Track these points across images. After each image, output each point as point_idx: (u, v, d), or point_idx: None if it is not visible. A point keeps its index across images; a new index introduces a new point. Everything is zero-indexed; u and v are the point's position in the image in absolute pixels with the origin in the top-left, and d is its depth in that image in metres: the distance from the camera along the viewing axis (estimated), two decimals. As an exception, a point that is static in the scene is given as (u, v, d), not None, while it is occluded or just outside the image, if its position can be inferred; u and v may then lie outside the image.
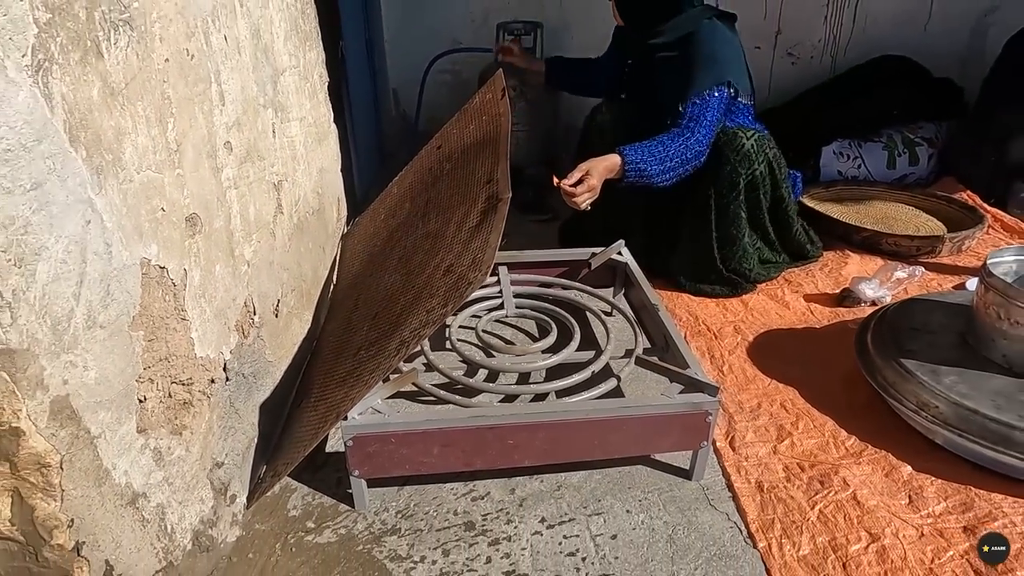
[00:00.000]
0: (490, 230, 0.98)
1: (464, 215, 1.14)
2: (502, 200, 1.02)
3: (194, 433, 0.98)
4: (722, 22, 1.73)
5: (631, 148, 1.55)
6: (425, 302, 1.00)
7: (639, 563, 1.00)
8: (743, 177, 1.64)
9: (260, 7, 1.24)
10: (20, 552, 0.78)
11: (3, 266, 0.67)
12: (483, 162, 1.23)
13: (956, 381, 1.17)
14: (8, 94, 0.64)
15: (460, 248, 1.05)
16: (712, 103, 1.59)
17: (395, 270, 1.26)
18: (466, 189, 1.22)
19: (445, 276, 1.03)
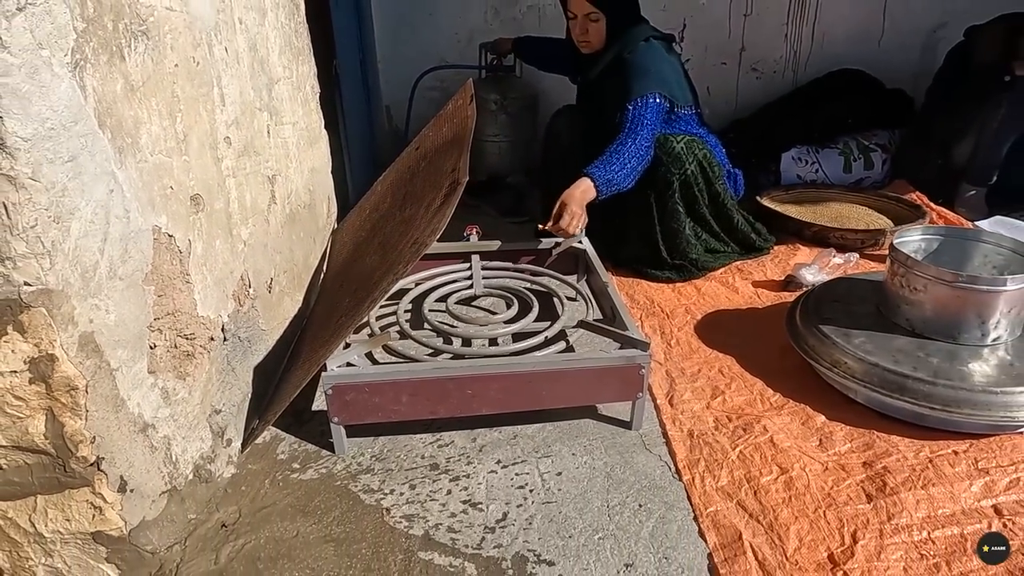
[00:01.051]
0: (448, 205, 1.15)
1: (431, 200, 1.32)
2: (460, 183, 1.20)
3: (196, 380, 1.15)
4: (659, 43, 1.91)
5: (595, 167, 1.72)
6: (392, 268, 1.17)
7: (579, 493, 1.16)
8: (676, 176, 1.82)
9: (257, 25, 1.43)
10: (51, 464, 0.95)
11: (45, 221, 0.84)
12: (450, 157, 1.41)
13: (864, 342, 1.33)
14: (53, 84, 0.82)
15: (425, 225, 1.22)
16: (649, 107, 1.78)
17: (375, 252, 1.43)
18: (436, 180, 1.40)
19: (411, 247, 1.20)
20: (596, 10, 1.86)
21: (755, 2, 2.81)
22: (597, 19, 1.88)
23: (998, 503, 1.09)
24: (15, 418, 0.91)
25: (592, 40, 1.92)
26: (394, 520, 1.11)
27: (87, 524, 0.98)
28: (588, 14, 1.88)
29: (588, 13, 1.88)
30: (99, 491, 0.97)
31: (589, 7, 1.87)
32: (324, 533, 1.08)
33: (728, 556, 1.02)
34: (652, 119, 1.78)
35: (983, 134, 2.30)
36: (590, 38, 1.92)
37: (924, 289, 1.31)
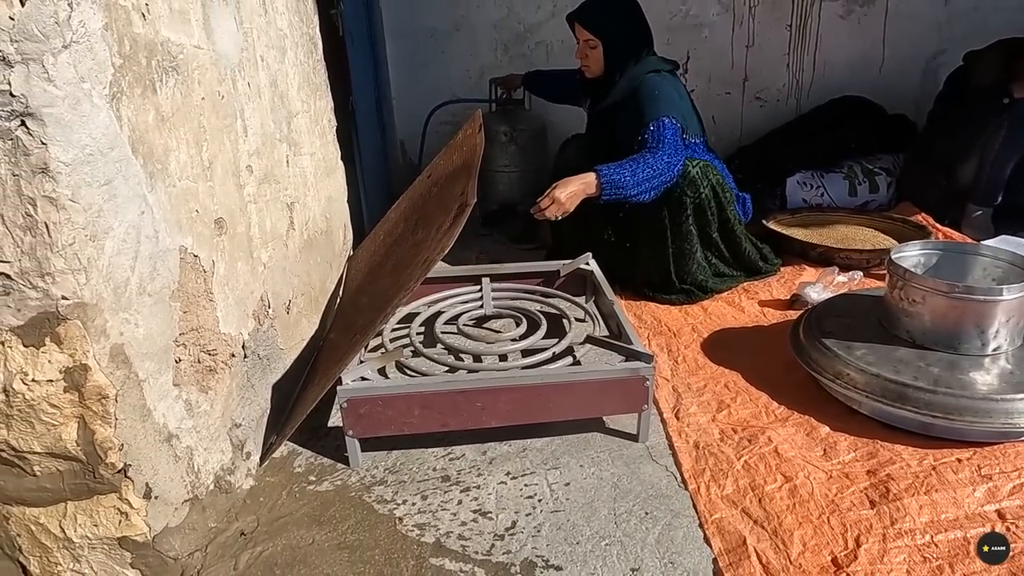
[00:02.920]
0: (456, 226, 1.21)
1: (442, 223, 1.38)
2: (468, 205, 1.26)
3: (217, 394, 1.20)
4: (668, 74, 1.99)
5: (604, 166, 1.78)
6: (404, 284, 1.22)
7: (586, 502, 1.19)
8: (691, 199, 1.87)
9: (277, 62, 1.53)
10: (81, 470, 1.00)
11: (82, 240, 0.91)
12: (459, 182, 1.48)
13: (866, 353, 1.36)
14: (93, 114, 0.90)
15: (435, 245, 1.28)
16: (667, 127, 1.83)
17: (388, 274, 1.49)
18: (445, 204, 1.47)
19: (423, 267, 1.26)
20: (593, 38, 1.96)
21: (757, 33, 2.90)
22: (595, 46, 1.97)
23: (1001, 508, 1.10)
24: (50, 425, 0.96)
25: (591, 65, 2.01)
26: (406, 528, 1.14)
27: (114, 529, 1.03)
28: (587, 40, 1.98)
29: (587, 40, 1.98)
30: (126, 497, 1.02)
31: (587, 34, 1.96)
32: (339, 541, 1.12)
33: (733, 560, 1.04)
34: (672, 138, 1.83)
35: (986, 155, 2.34)
36: (589, 63, 2.01)
37: (922, 301, 1.34)
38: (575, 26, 2.01)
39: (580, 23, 1.99)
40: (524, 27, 2.93)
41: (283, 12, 1.57)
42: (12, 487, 1.01)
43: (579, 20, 1.99)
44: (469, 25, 2.93)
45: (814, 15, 2.87)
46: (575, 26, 2.01)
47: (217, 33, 1.24)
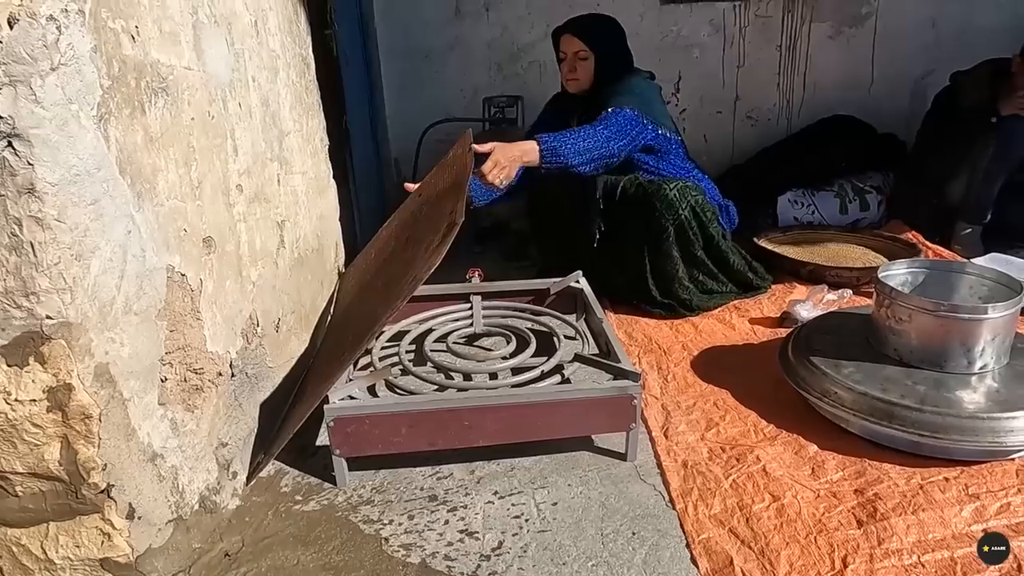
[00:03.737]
0: (444, 244, 1.22)
1: (431, 241, 1.39)
2: (456, 224, 1.27)
3: (203, 413, 1.20)
4: (643, 78, 2.05)
5: (545, 135, 1.79)
6: (392, 301, 1.23)
7: (573, 522, 1.18)
8: (671, 222, 1.88)
9: (269, 82, 1.54)
10: (64, 490, 1.00)
11: (67, 259, 0.92)
12: (449, 201, 1.49)
13: (853, 371, 1.36)
14: (80, 135, 0.91)
15: (422, 263, 1.29)
16: (622, 114, 1.86)
17: (379, 292, 1.49)
18: (435, 223, 1.47)
19: (411, 285, 1.26)
20: (585, 48, 1.99)
21: (747, 54, 2.94)
22: (586, 57, 2.00)
23: (988, 527, 1.10)
24: (32, 445, 0.96)
25: (580, 77, 2.03)
26: (392, 549, 1.13)
27: (96, 550, 1.02)
28: (577, 52, 2.01)
29: (578, 51, 2.01)
30: (108, 517, 1.01)
31: (579, 45, 2.00)
32: (324, 562, 1.11)
33: (719, 581, 1.03)
34: (621, 123, 1.85)
35: (974, 173, 2.36)
36: (579, 75, 2.03)
37: (909, 319, 1.35)
38: (563, 40, 2.04)
39: (573, 34, 2.02)
40: (517, 47, 2.97)
41: (275, 33, 1.59)
42: (-6, 508, 1.01)
43: (572, 31, 2.02)
44: (463, 45, 2.96)
45: (804, 36, 2.91)
46: (563, 40, 2.04)
47: (208, 54, 1.25)
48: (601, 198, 2.02)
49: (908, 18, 2.88)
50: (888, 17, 2.87)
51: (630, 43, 2.10)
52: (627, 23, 2.50)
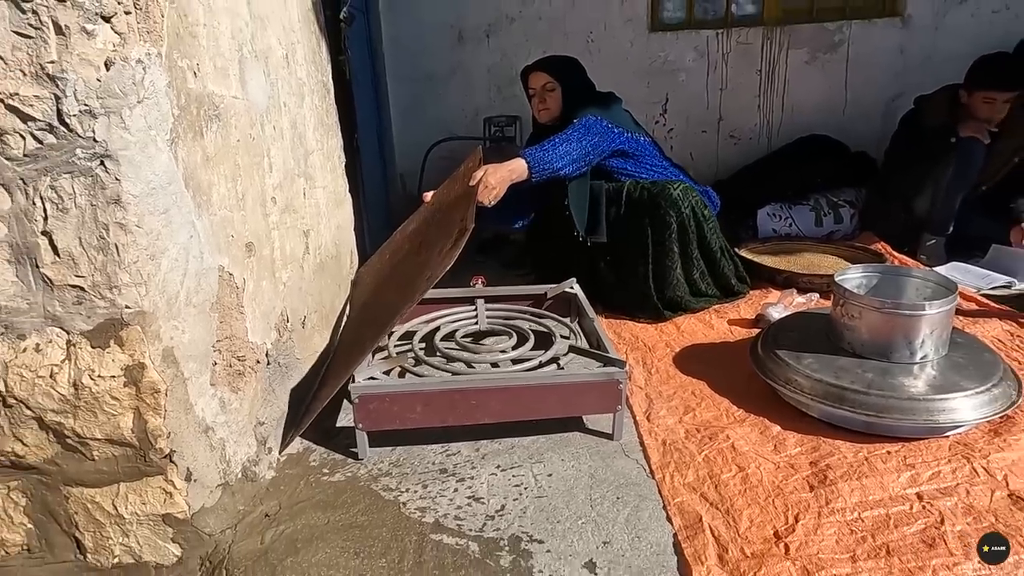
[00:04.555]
0: (456, 247, 1.41)
1: (443, 245, 1.58)
2: (467, 229, 1.46)
3: (245, 395, 1.38)
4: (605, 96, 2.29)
5: (528, 150, 2.01)
6: (410, 296, 1.42)
7: (566, 489, 1.36)
8: (674, 219, 2.09)
9: (296, 107, 1.74)
10: (134, 455, 1.17)
11: (143, 259, 1.10)
12: (460, 209, 1.68)
13: (812, 362, 1.55)
14: (157, 155, 1.10)
15: (437, 262, 1.48)
16: (588, 119, 2.10)
17: (394, 290, 1.68)
18: (447, 228, 1.66)
19: (426, 283, 1.45)
20: (551, 79, 2.25)
21: (730, 78, 3.16)
22: (553, 88, 2.26)
23: (920, 491, 1.28)
24: (110, 415, 1.14)
25: (551, 107, 2.28)
26: (409, 511, 1.31)
27: (159, 507, 1.20)
28: (545, 84, 2.27)
29: (545, 84, 2.26)
30: (170, 479, 1.19)
31: (546, 78, 2.26)
32: (351, 522, 1.29)
33: (690, 534, 1.21)
34: (589, 124, 2.09)
35: (937, 189, 2.56)
36: (548, 105, 2.29)
37: (860, 316, 1.54)
38: (531, 77, 2.31)
39: (540, 70, 2.29)
40: (515, 71, 3.15)
41: (302, 63, 1.79)
42: (73, 470, 1.18)
43: (539, 68, 2.30)
44: (464, 70, 3.17)
45: (782, 61, 3.13)
46: (531, 77, 2.31)
47: (250, 85, 1.44)
48: (603, 204, 2.21)
49: (878, 46, 3.11)
50: (859, 45, 3.10)
51: (621, 69, 2.32)
52: (618, 50, 2.73)
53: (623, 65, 2.39)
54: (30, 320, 1.12)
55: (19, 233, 1.08)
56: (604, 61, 2.96)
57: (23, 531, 1.22)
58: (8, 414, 1.15)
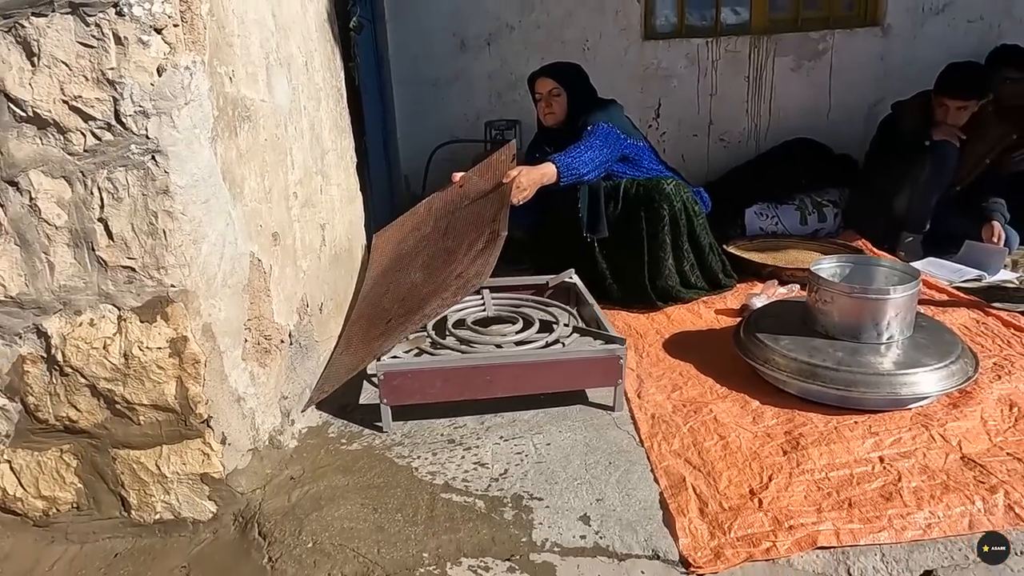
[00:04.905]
0: (491, 253, 1.55)
1: (473, 240, 1.71)
2: (500, 235, 1.59)
3: (271, 371, 1.52)
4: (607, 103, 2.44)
5: (559, 155, 2.16)
6: (441, 294, 1.55)
7: (563, 456, 1.50)
8: (667, 211, 2.23)
9: (314, 110, 1.88)
10: (175, 419, 1.31)
11: (187, 243, 1.24)
12: (491, 206, 1.81)
13: (788, 343, 1.69)
14: (200, 151, 1.24)
15: (468, 263, 1.61)
16: (601, 128, 2.26)
17: (419, 269, 1.81)
18: (477, 222, 1.79)
19: (456, 279, 1.58)
20: (557, 85, 2.40)
21: (719, 84, 3.31)
22: (559, 94, 2.40)
23: (882, 454, 1.42)
24: (155, 383, 1.28)
25: (556, 111, 2.43)
26: (421, 475, 1.45)
27: (198, 467, 1.33)
28: (551, 90, 2.41)
29: (551, 89, 2.40)
30: (208, 442, 1.33)
31: (552, 83, 2.40)
32: (368, 483, 1.42)
33: (674, 492, 1.35)
34: (605, 134, 2.25)
35: (914, 189, 2.71)
36: (554, 110, 2.43)
37: (832, 300, 1.68)
38: (537, 82, 2.45)
39: (546, 76, 2.43)
40: (515, 77, 3.33)
41: (319, 70, 1.94)
42: (121, 433, 1.32)
43: (545, 74, 2.44)
44: (466, 76, 3.32)
45: (769, 68, 3.29)
46: (537, 82, 2.45)
47: (275, 89, 1.59)
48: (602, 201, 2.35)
49: (860, 54, 3.27)
50: (842, 52, 3.26)
51: (616, 75, 2.47)
52: (613, 57, 2.88)
53: (618, 71, 2.53)
54: (85, 297, 1.26)
55: (78, 220, 1.22)
56: (600, 68, 3.09)
57: (73, 490, 1.36)
58: (64, 382, 1.29)
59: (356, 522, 1.31)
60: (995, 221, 2.58)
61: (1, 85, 1.15)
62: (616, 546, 1.23)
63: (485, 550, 1.23)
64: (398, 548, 1.24)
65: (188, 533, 1.35)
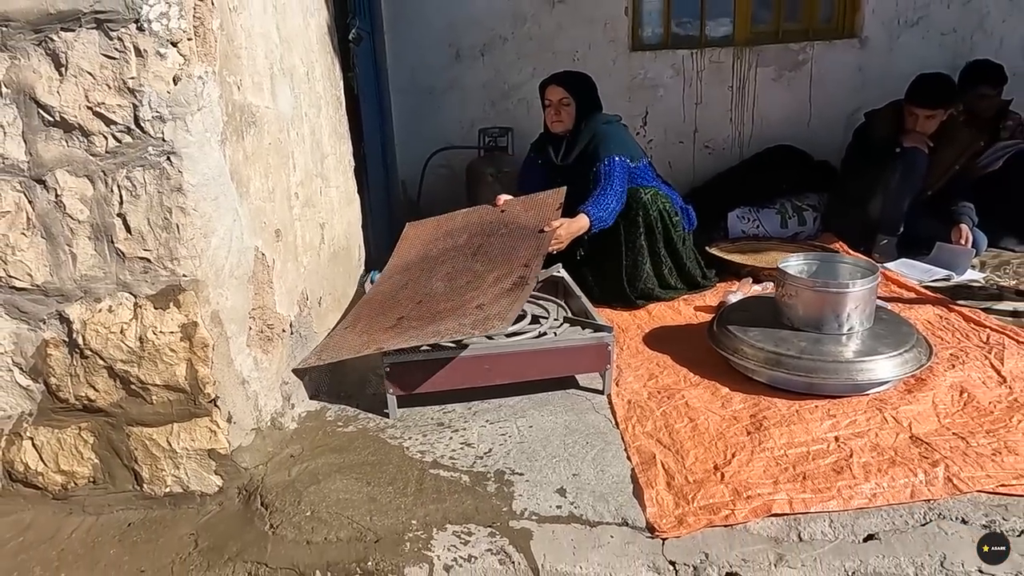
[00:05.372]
0: (516, 297, 1.65)
1: (501, 275, 1.81)
2: (529, 283, 1.70)
3: (273, 358, 1.64)
4: (614, 121, 2.54)
5: (590, 207, 2.26)
6: (459, 318, 1.65)
7: (544, 437, 1.61)
8: (642, 219, 2.35)
9: (315, 116, 2.01)
10: (185, 399, 1.42)
11: (198, 236, 1.36)
12: (527, 247, 1.92)
13: (757, 334, 1.81)
14: (210, 153, 1.36)
15: (491, 298, 1.71)
16: (616, 163, 2.35)
17: (442, 279, 1.92)
18: (509, 256, 1.89)
19: (476, 310, 1.69)
20: (567, 95, 2.48)
21: (704, 93, 3.45)
22: (569, 103, 2.49)
23: (838, 434, 1.54)
24: (168, 364, 1.39)
25: (564, 120, 2.51)
26: (411, 453, 1.56)
27: (205, 443, 1.45)
28: (561, 99, 2.49)
29: (561, 98, 2.49)
30: (215, 420, 1.44)
31: (563, 93, 2.48)
32: (362, 460, 1.54)
33: (645, 468, 1.46)
34: (620, 173, 2.35)
35: (886, 194, 2.84)
36: (562, 118, 2.51)
37: (796, 294, 1.80)
38: (548, 90, 2.52)
39: (557, 84, 2.50)
40: (508, 86, 3.46)
41: (319, 79, 2.06)
42: (136, 412, 1.43)
43: (556, 82, 2.51)
44: (461, 85, 3.45)
45: (751, 78, 3.42)
46: (548, 90, 2.52)
47: (279, 97, 1.71)
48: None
49: (838, 65, 3.40)
50: (821, 64, 3.40)
51: (604, 84, 2.59)
52: (602, 67, 3.01)
53: (606, 81, 2.65)
54: (105, 286, 1.38)
55: (99, 215, 1.34)
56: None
57: (90, 465, 1.47)
58: (84, 364, 1.40)
59: (351, 494, 1.42)
60: (963, 224, 2.71)
61: (32, 93, 1.27)
62: (589, 515, 1.34)
63: (469, 518, 1.35)
64: (389, 516, 1.35)
65: (196, 505, 1.46)
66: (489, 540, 1.29)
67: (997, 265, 2.72)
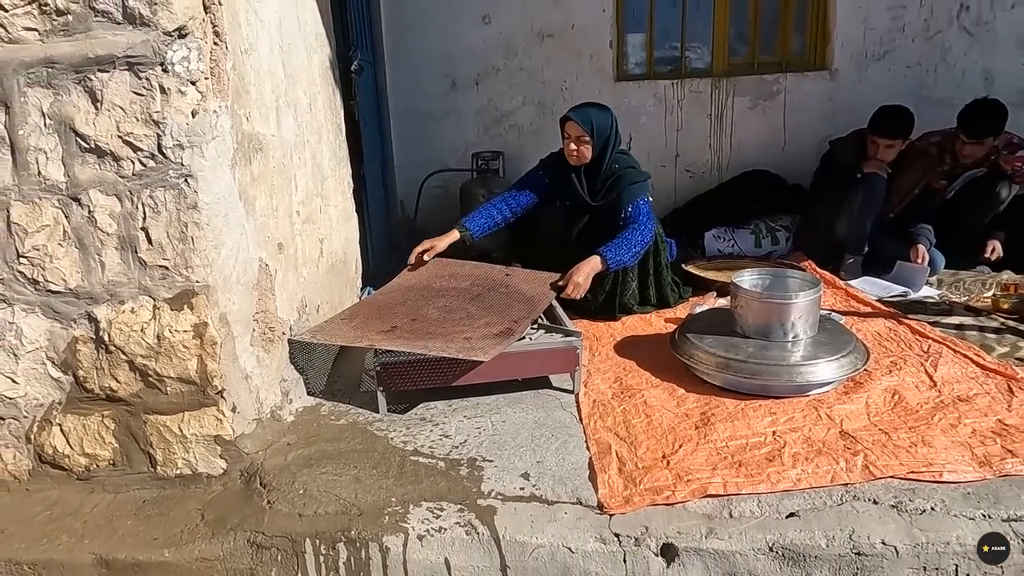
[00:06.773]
0: (499, 342, 1.83)
1: (491, 322, 1.98)
2: (514, 335, 1.89)
3: (274, 357, 1.83)
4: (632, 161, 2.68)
5: (607, 249, 2.41)
6: (447, 341, 1.83)
7: (514, 430, 1.80)
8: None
9: (316, 143, 2.22)
10: (195, 391, 1.62)
11: (209, 248, 1.57)
12: (520, 309, 2.10)
13: (712, 341, 2.00)
14: (222, 175, 1.57)
15: (479, 336, 1.87)
16: (643, 207, 2.52)
17: (438, 309, 2.10)
18: (503, 311, 2.07)
19: (464, 340, 1.88)
20: (586, 133, 2.54)
21: (685, 121, 3.67)
22: (587, 141, 2.56)
23: (776, 429, 1.71)
24: (181, 359, 1.59)
25: (582, 156, 2.59)
26: (395, 443, 1.75)
27: (213, 430, 1.64)
28: (580, 136, 2.55)
29: (580, 135, 2.55)
30: (221, 409, 1.63)
31: (581, 130, 2.54)
32: (350, 449, 1.72)
33: (600, 456, 1.64)
34: (646, 216, 2.50)
35: (850, 216, 3.03)
36: (581, 155, 2.59)
37: (747, 305, 1.99)
38: (568, 125, 2.58)
39: (577, 122, 2.54)
40: (500, 113, 3.69)
41: (321, 109, 2.29)
42: (152, 401, 1.63)
43: (576, 119, 2.55)
44: (456, 111, 3.69)
45: (729, 107, 3.64)
46: (568, 125, 2.58)
47: (283, 126, 1.93)
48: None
49: (810, 94, 3.62)
50: (795, 93, 3.61)
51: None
52: (588, 96, 3.23)
53: (591, 109, 2.92)
54: (128, 290, 1.58)
55: (125, 228, 1.55)
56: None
57: (111, 449, 1.66)
58: (108, 359, 1.60)
59: (339, 476, 1.61)
60: (920, 244, 2.89)
61: (71, 124, 1.49)
62: (548, 495, 1.53)
63: (441, 496, 1.53)
64: (371, 494, 1.54)
65: (203, 484, 1.65)
66: (458, 515, 1.47)
67: (952, 283, 2.90)
